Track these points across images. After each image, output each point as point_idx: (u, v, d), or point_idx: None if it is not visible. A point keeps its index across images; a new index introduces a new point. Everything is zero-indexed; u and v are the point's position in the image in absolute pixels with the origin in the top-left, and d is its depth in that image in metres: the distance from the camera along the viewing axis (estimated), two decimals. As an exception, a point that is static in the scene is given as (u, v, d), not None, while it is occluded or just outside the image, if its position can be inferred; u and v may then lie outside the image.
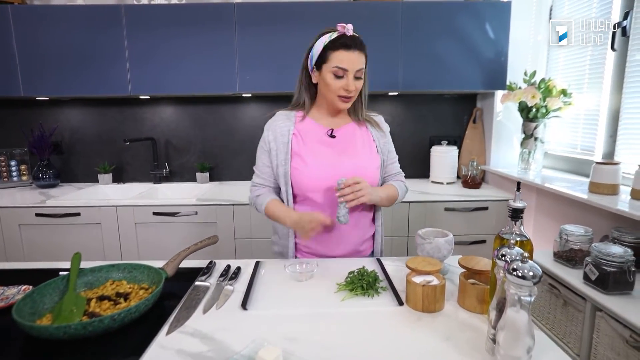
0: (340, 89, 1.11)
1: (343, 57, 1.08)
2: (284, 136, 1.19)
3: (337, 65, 1.09)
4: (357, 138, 1.22)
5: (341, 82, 1.10)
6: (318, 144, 1.19)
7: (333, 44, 1.09)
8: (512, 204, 0.73)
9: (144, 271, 0.99)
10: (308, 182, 1.15)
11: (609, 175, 1.48)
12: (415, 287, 0.85)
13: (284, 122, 1.21)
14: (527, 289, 0.59)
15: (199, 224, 2.02)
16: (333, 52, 1.09)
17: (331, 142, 1.20)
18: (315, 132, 1.20)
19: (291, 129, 1.19)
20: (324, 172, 1.15)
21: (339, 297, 0.92)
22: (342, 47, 1.08)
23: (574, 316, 1.22)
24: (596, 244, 1.18)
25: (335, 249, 1.21)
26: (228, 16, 2.07)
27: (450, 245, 1.03)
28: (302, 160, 1.16)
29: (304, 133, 1.20)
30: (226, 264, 1.12)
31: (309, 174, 1.15)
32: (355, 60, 1.09)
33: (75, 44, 2.09)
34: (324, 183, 1.15)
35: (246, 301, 0.90)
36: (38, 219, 1.99)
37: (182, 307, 0.90)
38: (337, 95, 1.13)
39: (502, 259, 0.66)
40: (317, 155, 1.17)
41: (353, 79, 1.11)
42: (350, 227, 1.19)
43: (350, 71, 1.09)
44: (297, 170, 1.16)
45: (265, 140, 1.22)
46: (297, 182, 1.17)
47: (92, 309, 0.84)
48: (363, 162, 1.19)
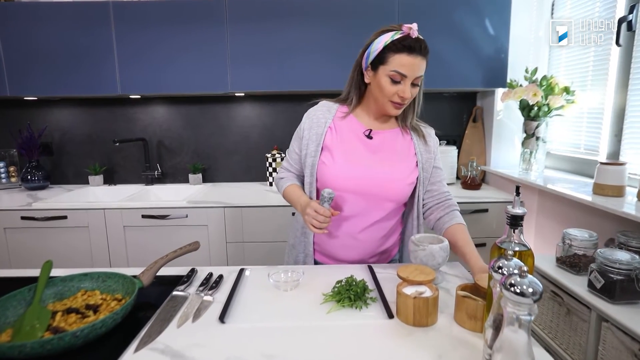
0: (395, 95, 1.03)
1: (404, 62, 0.99)
2: (320, 127, 1.13)
3: (396, 69, 0.99)
4: (397, 146, 1.13)
5: (397, 87, 1.02)
6: (353, 143, 1.11)
7: (395, 45, 0.99)
8: (510, 210, 0.66)
9: (118, 280, 0.93)
10: (332, 178, 1.09)
11: (614, 176, 1.41)
12: (406, 299, 0.78)
13: (323, 114, 1.15)
14: (526, 307, 0.53)
15: (190, 227, 1.96)
16: (394, 55, 0.99)
17: (367, 143, 1.12)
18: (353, 130, 1.13)
19: (328, 122, 1.13)
20: (351, 172, 1.08)
21: (325, 309, 0.86)
22: (406, 50, 0.98)
23: (578, 326, 1.15)
24: (601, 249, 1.11)
25: (341, 253, 1.16)
26: (219, 12, 2.00)
27: (445, 252, 0.97)
28: (331, 155, 1.10)
29: (341, 129, 1.13)
30: (208, 272, 1.06)
31: (335, 171, 1.08)
32: (416, 67, 1.00)
33: (63, 42, 2.04)
34: (350, 183, 1.08)
35: (224, 313, 0.84)
36: (24, 222, 1.93)
37: (156, 320, 0.83)
38: (390, 100, 1.04)
39: (499, 271, 0.60)
40: (349, 153, 1.10)
41: (410, 86, 1.02)
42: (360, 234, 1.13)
43: (410, 77, 1.00)
44: (324, 165, 1.10)
45: (301, 127, 1.16)
46: (321, 177, 1.11)
47: (57, 323, 0.77)
48: (397, 173, 1.10)
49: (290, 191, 1.16)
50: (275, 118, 2.45)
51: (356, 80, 1.13)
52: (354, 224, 1.12)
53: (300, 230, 1.20)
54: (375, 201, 1.10)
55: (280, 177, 1.24)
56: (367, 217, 1.11)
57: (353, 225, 1.12)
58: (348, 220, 1.12)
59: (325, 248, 1.18)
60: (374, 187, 1.08)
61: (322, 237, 1.16)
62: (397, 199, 1.11)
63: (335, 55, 2.02)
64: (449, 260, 1.03)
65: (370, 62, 1.05)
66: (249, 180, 2.50)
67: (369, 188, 1.08)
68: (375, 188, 1.08)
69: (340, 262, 1.17)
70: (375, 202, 1.10)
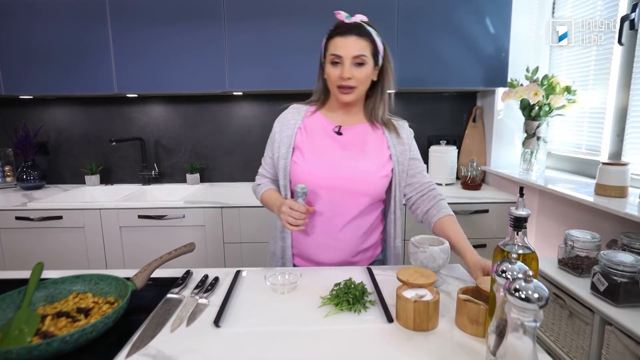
0: (338, 78, 1.05)
1: (338, 43, 1.04)
2: (290, 129, 1.14)
3: (333, 52, 1.04)
4: (368, 140, 1.12)
5: (337, 69, 1.04)
6: (322, 140, 1.12)
7: (331, 33, 1.07)
8: (514, 212, 0.64)
9: (111, 283, 0.90)
10: (304, 176, 1.08)
11: (616, 177, 1.39)
12: (406, 303, 0.76)
13: (293, 116, 1.17)
14: (531, 313, 0.51)
15: (187, 227, 1.94)
16: (330, 41, 1.06)
17: (338, 139, 1.12)
18: (322, 128, 1.14)
19: (297, 123, 1.15)
20: (322, 170, 1.08)
21: (323, 313, 0.84)
22: (337, 33, 1.05)
23: (581, 329, 1.13)
24: (605, 251, 1.09)
25: (322, 255, 1.13)
26: (217, 10, 1.98)
27: (445, 254, 0.95)
28: (302, 154, 1.11)
29: (310, 127, 1.14)
30: (204, 274, 1.03)
31: (306, 168, 1.09)
32: (350, 46, 1.03)
33: (59, 40, 2.01)
34: (322, 181, 1.08)
35: (219, 317, 0.81)
36: (18, 223, 1.90)
37: (149, 323, 0.81)
38: (336, 85, 1.06)
39: (503, 275, 0.58)
40: (319, 151, 1.11)
41: (350, 66, 1.03)
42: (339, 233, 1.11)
43: (346, 57, 1.03)
44: (295, 164, 1.11)
45: (273, 132, 1.19)
46: (294, 176, 1.11)
47: (47, 327, 0.75)
48: (368, 167, 1.09)
49: (266, 196, 1.17)
50: (273, 117, 2.36)
51: (322, 79, 1.15)
52: (331, 222, 1.10)
53: (279, 235, 1.18)
54: (349, 196, 1.08)
55: (257, 184, 1.24)
56: (344, 214, 1.10)
57: (330, 224, 1.10)
58: (325, 217, 1.10)
59: (304, 250, 1.16)
60: (346, 181, 1.07)
61: (300, 239, 1.15)
62: (370, 192, 1.10)
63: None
64: (454, 262, 1.01)
65: (322, 57, 1.11)
66: (247, 180, 2.48)
67: (341, 182, 1.07)
68: (347, 182, 1.07)
69: (320, 264, 1.14)
70: (349, 197, 1.09)
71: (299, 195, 1.01)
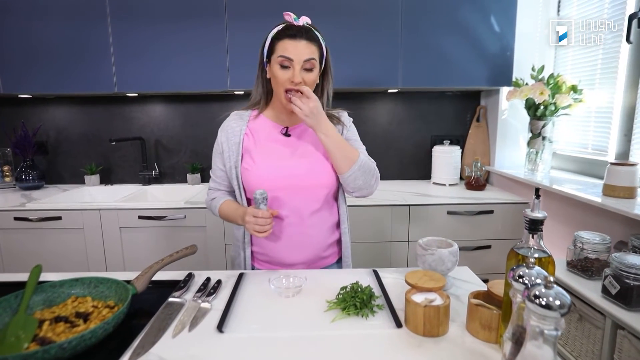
0: (287, 81, 1.02)
1: (287, 46, 1.01)
2: (236, 136, 1.12)
3: (282, 54, 1.01)
4: (314, 136, 1.11)
5: (287, 73, 1.02)
6: (271, 143, 1.11)
7: (279, 34, 1.04)
8: (529, 214, 0.62)
9: (111, 286, 0.88)
10: (258, 181, 1.07)
11: (625, 177, 1.37)
12: (416, 308, 0.74)
13: (237, 122, 1.14)
14: (552, 321, 0.48)
15: (188, 228, 1.91)
16: (278, 42, 1.03)
17: (286, 141, 1.12)
18: (268, 131, 1.13)
19: (243, 129, 1.12)
20: (274, 172, 1.07)
21: (329, 318, 0.81)
22: (287, 36, 1.02)
23: (592, 333, 1.11)
24: (616, 254, 1.07)
25: (294, 256, 1.12)
26: (218, 8, 1.95)
27: (455, 257, 0.92)
28: (252, 159, 1.09)
29: (256, 132, 1.13)
30: (206, 277, 1.01)
31: (259, 173, 1.07)
32: (301, 49, 1.01)
33: (58, 39, 1.98)
34: (275, 183, 1.07)
35: (223, 322, 0.79)
36: (17, 223, 1.88)
37: (150, 329, 0.79)
38: (284, 88, 1.04)
39: (520, 281, 0.55)
40: (269, 154, 1.10)
41: (301, 70, 1.02)
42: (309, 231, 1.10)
43: (297, 61, 1.01)
44: (247, 170, 1.09)
45: (218, 142, 1.16)
46: (247, 183, 1.09)
47: (44, 333, 0.72)
48: (319, 163, 1.10)
49: (225, 208, 1.14)
50: None
51: (261, 79, 1.13)
52: (297, 221, 1.10)
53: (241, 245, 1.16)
54: (308, 191, 1.09)
55: (211, 199, 1.20)
56: (307, 210, 1.09)
57: (297, 223, 1.10)
58: (290, 218, 1.09)
59: (274, 255, 1.13)
60: (301, 178, 1.08)
61: (267, 243, 1.12)
62: (327, 182, 1.10)
63: (337, 54, 1.95)
64: (459, 264, 0.98)
65: (266, 56, 1.07)
66: (248, 181, 2.45)
67: (297, 180, 1.07)
68: (303, 179, 1.08)
69: (291, 266, 1.12)
70: (308, 192, 1.09)
71: (260, 201, 0.99)
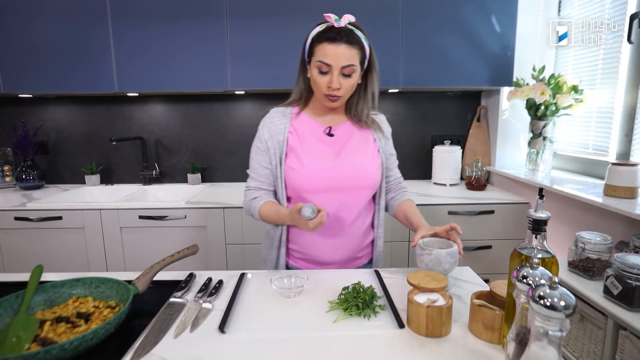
0: (325, 86, 1.02)
1: (327, 51, 0.99)
2: (280, 134, 1.10)
3: (321, 59, 1.00)
4: (356, 137, 1.13)
5: (325, 78, 1.01)
6: (316, 142, 1.10)
7: (319, 36, 1.01)
8: (533, 214, 0.62)
9: (112, 286, 0.88)
10: (304, 182, 1.06)
11: (627, 177, 1.37)
12: (418, 308, 0.74)
13: (280, 120, 1.12)
14: (557, 322, 0.48)
15: (188, 228, 1.91)
16: (318, 45, 1.01)
17: (330, 141, 1.11)
18: (312, 130, 1.11)
19: (287, 127, 1.10)
20: (322, 173, 1.06)
21: (331, 318, 0.81)
22: (328, 40, 0.99)
23: (593, 333, 1.11)
24: (618, 254, 1.06)
25: (332, 255, 1.12)
26: (219, 8, 1.95)
27: (452, 258, 0.92)
28: (298, 159, 1.07)
29: (300, 130, 1.11)
30: (207, 277, 1.01)
31: (306, 173, 1.06)
32: (340, 55, 0.98)
33: (58, 38, 1.98)
34: (322, 184, 1.06)
35: (225, 323, 0.79)
36: (17, 223, 1.87)
37: (152, 329, 0.78)
38: (323, 93, 1.03)
39: (524, 281, 0.55)
40: (315, 154, 1.08)
41: (339, 76, 1.00)
42: (349, 231, 1.11)
43: (335, 67, 0.99)
44: (292, 170, 1.07)
45: (262, 139, 1.12)
46: (291, 183, 1.08)
47: (45, 333, 0.72)
48: (363, 163, 1.10)
49: (266, 209, 1.08)
50: None
51: (302, 77, 1.12)
52: (339, 222, 1.10)
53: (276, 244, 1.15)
54: (352, 192, 1.09)
55: (252, 198, 1.13)
56: (350, 211, 1.10)
57: (339, 223, 1.10)
58: (333, 218, 1.09)
59: (308, 252, 1.13)
60: (347, 179, 1.07)
61: (307, 241, 1.12)
62: (371, 184, 1.11)
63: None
64: (460, 264, 0.98)
65: (306, 56, 1.06)
66: (248, 181, 2.45)
67: (343, 182, 1.07)
68: (349, 180, 1.07)
69: (327, 265, 1.13)
70: (352, 193, 1.09)
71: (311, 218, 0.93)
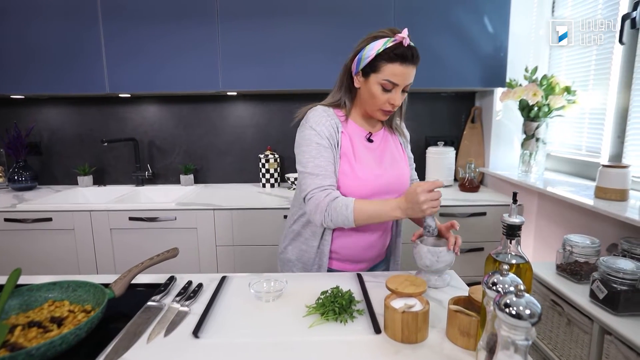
0: (386, 103, 1.02)
1: (397, 71, 0.97)
2: (334, 136, 1.05)
3: (389, 79, 0.98)
4: (391, 145, 1.16)
5: (388, 95, 1.01)
6: (361, 148, 1.10)
7: (388, 54, 0.96)
8: (507, 220, 0.60)
9: (89, 290, 0.87)
10: (355, 188, 1.05)
11: (617, 180, 1.35)
12: (394, 314, 0.72)
13: (331, 118, 1.07)
14: (522, 330, 0.47)
15: (179, 229, 1.90)
16: (387, 64, 0.97)
17: (370, 146, 1.12)
18: (357, 135, 1.11)
19: (340, 127, 1.07)
20: (371, 180, 1.07)
21: (308, 323, 0.80)
22: (399, 59, 0.96)
23: (579, 338, 1.09)
24: (604, 257, 1.05)
25: (365, 253, 1.14)
26: (210, 9, 1.94)
27: (434, 256, 0.91)
28: (350, 164, 1.06)
29: (350, 134, 1.10)
30: (187, 280, 1.00)
31: (357, 179, 1.05)
32: (408, 75, 0.99)
33: (50, 39, 1.98)
34: (369, 190, 1.06)
35: (199, 327, 0.78)
36: (7, 225, 1.87)
37: (126, 333, 0.77)
38: (380, 108, 1.03)
39: (493, 288, 0.54)
40: (363, 161, 1.08)
41: (400, 93, 1.01)
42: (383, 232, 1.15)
43: (401, 86, 1.00)
44: (344, 175, 1.05)
45: (322, 135, 1.03)
46: (343, 187, 1.05)
47: (15, 339, 0.71)
48: (403, 169, 1.15)
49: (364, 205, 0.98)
50: (268, 118, 2.39)
51: (346, 84, 1.10)
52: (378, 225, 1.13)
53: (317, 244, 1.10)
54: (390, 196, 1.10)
55: (334, 198, 0.99)
56: None
57: (378, 226, 1.13)
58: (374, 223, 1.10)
59: (344, 253, 1.13)
60: (391, 185, 1.10)
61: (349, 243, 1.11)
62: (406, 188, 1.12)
63: (329, 54, 1.96)
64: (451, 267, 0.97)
65: (362, 68, 1.02)
66: (241, 182, 2.44)
67: (388, 188, 1.09)
68: (391, 186, 1.10)
69: (358, 263, 1.15)
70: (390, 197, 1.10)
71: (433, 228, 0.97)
